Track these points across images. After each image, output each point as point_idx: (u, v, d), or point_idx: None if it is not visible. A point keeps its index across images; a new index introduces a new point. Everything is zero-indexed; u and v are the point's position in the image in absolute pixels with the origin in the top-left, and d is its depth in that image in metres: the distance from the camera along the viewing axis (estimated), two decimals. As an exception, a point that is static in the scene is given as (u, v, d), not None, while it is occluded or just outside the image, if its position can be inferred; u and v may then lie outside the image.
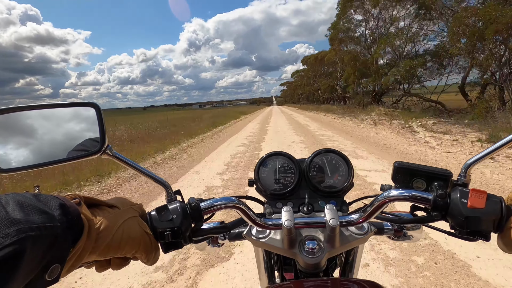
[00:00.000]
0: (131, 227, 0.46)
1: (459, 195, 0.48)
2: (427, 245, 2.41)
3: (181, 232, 0.51)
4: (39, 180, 4.92)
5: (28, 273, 0.31)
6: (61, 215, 0.36)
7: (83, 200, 0.42)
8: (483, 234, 0.47)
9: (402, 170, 0.57)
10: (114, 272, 2.16)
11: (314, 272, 0.58)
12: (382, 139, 8.27)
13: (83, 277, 2.20)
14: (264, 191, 0.66)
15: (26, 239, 0.30)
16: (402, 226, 0.66)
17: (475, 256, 2.21)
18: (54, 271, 0.34)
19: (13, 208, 0.31)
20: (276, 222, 0.57)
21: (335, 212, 0.54)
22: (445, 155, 5.77)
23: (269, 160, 0.69)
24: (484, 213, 0.46)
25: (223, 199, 0.56)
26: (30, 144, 0.50)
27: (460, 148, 6.12)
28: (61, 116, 0.54)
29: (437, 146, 6.65)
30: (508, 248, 0.45)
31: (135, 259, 0.49)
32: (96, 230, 0.41)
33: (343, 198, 0.65)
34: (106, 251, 0.43)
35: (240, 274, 2.16)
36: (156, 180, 0.57)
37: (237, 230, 0.66)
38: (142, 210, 0.52)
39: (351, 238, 0.58)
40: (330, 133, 10.26)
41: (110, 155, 0.53)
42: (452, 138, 6.93)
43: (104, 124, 0.53)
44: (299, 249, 0.55)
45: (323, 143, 7.98)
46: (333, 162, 0.68)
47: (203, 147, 8.62)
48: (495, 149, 0.49)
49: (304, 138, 9.25)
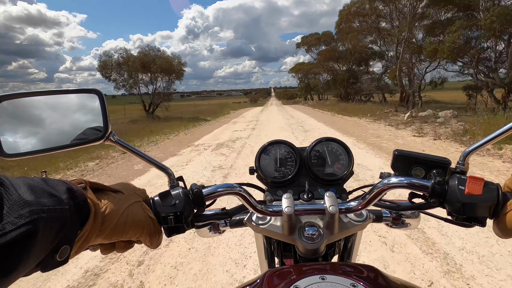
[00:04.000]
0: (135, 211, 0.48)
1: (457, 182, 0.49)
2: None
3: (183, 217, 0.52)
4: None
5: (40, 253, 0.33)
6: (68, 198, 0.37)
7: (89, 185, 0.44)
8: (479, 220, 0.48)
9: (401, 158, 0.58)
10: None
11: (314, 257, 0.59)
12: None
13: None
14: (265, 179, 0.67)
15: (39, 220, 0.31)
16: (400, 213, 0.68)
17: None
18: (64, 252, 0.36)
19: (24, 191, 0.32)
20: (276, 209, 0.58)
21: (334, 199, 0.55)
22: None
23: (270, 148, 0.70)
24: (481, 199, 0.47)
25: (225, 185, 0.57)
26: (34, 129, 0.51)
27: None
28: (64, 103, 0.54)
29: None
30: (503, 233, 0.46)
31: (139, 243, 0.51)
32: (101, 214, 0.42)
33: (342, 186, 0.66)
34: (111, 235, 0.44)
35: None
36: (158, 166, 0.58)
37: (238, 216, 0.67)
38: (145, 195, 0.53)
39: (350, 224, 0.59)
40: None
41: (113, 141, 0.54)
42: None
43: (107, 111, 0.53)
44: (299, 235, 0.56)
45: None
46: (334, 150, 0.69)
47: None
48: (493, 138, 0.50)
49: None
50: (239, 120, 16.16)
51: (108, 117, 0.53)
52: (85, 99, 0.54)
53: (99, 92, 0.53)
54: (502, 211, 0.46)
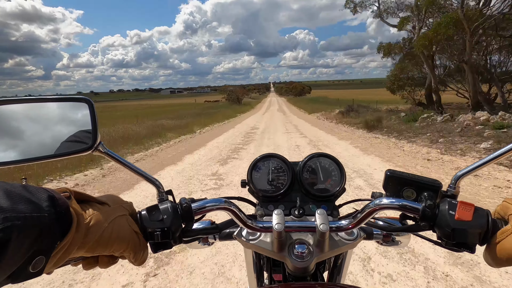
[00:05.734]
0: (121, 225, 0.46)
1: (447, 207, 0.49)
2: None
3: (171, 232, 0.50)
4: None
5: (12, 263, 0.31)
6: (49, 206, 0.35)
7: (73, 195, 0.42)
8: (469, 246, 0.48)
9: (393, 179, 0.58)
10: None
11: (303, 275, 0.58)
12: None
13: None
14: (256, 193, 0.66)
15: (12, 228, 0.29)
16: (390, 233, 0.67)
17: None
18: (38, 263, 0.34)
19: (0, 197, 0.31)
20: (266, 225, 0.57)
21: (325, 217, 0.54)
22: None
23: (263, 162, 0.69)
24: (471, 225, 0.47)
25: (214, 200, 0.56)
26: (19, 138, 0.49)
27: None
28: (52, 111, 0.53)
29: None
30: (495, 262, 0.46)
31: (123, 258, 0.49)
32: (85, 225, 0.40)
33: (334, 202, 0.66)
34: (94, 248, 0.42)
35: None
36: (147, 179, 0.56)
37: (228, 230, 0.66)
38: (132, 209, 0.52)
39: (340, 243, 0.58)
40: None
41: (102, 152, 0.52)
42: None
43: (97, 120, 0.52)
44: (289, 252, 0.55)
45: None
46: (326, 166, 0.68)
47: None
48: (485, 163, 0.50)
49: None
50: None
51: (97, 126, 0.52)
52: (74, 108, 0.52)
53: (88, 100, 0.52)
54: (492, 241, 0.46)
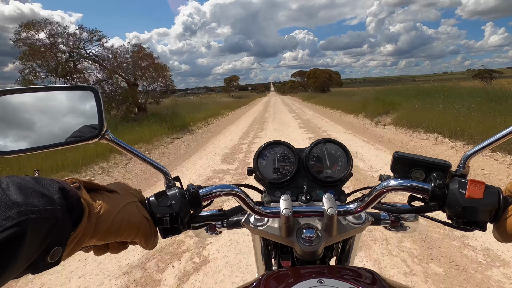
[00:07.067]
0: (131, 212, 0.46)
1: (457, 186, 0.49)
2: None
3: (179, 218, 0.51)
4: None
5: (29, 255, 0.31)
6: (60, 198, 0.35)
7: (83, 185, 0.42)
8: (480, 224, 0.47)
9: (401, 160, 0.57)
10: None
11: (311, 260, 0.58)
12: None
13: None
14: (263, 180, 0.66)
15: (27, 221, 0.30)
16: (399, 216, 0.67)
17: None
18: (55, 253, 0.35)
19: (13, 191, 0.31)
20: (274, 210, 0.57)
21: (333, 201, 0.54)
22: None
23: (268, 149, 0.69)
24: (482, 203, 0.46)
25: (222, 186, 0.56)
26: (28, 127, 0.49)
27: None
28: (59, 99, 0.53)
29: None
30: (503, 238, 0.46)
31: (133, 244, 0.50)
32: (96, 214, 0.41)
33: (341, 188, 0.66)
34: (106, 236, 0.43)
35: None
36: (155, 166, 0.57)
37: (235, 217, 0.66)
38: (141, 196, 0.52)
39: (348, 227, 0.58)
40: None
41: (109, 139, 0.53)
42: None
43: (102, 108, 0.52)
44: (297, 237, 0.55)
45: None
46: (332, 152, 0.68)
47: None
48: (494, 141, 0.49)
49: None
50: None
51: (103, 114, 0.52)
52: (80, 96, 0.52)
53: (94, 88, 0.52)
54: (503, 216, 0.45)
